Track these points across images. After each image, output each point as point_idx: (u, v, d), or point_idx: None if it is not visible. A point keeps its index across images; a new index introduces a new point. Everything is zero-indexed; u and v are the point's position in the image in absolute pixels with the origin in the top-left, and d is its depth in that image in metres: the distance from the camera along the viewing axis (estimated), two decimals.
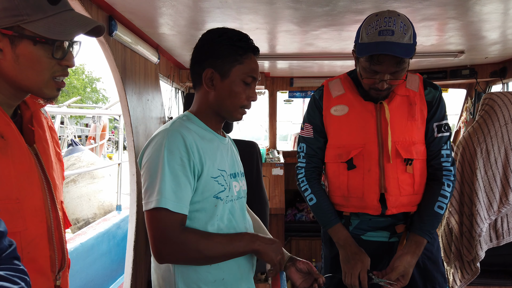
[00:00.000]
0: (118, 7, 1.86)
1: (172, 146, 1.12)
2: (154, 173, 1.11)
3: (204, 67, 1.22)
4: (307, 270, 1.35)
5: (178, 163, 1.12)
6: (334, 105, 1.60)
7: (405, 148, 1.51)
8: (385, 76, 1.42)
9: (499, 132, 2.05)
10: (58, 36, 0.90)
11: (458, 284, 2.20)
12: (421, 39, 2.47)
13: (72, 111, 9.68)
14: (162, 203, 1.08)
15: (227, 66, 1.20)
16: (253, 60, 1.24)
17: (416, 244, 1.49)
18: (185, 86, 3.58)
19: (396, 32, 1.36)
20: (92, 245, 3.27)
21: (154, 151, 1.14)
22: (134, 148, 2.16)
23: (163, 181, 1.09)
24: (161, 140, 1.14)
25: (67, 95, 22.15)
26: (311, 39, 2.49)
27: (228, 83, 1.21)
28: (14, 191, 0.88)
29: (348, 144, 1.56)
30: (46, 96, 0.97)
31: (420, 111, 1.55)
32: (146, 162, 1.15)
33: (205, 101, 1.26)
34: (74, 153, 5.76)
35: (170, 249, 1.09)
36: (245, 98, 1.23)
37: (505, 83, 3.28)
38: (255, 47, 1.25)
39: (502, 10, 1.88)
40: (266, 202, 2.51)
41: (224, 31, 1.23)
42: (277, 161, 3.88)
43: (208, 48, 1.22)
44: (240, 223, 1.27)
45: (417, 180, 1.54)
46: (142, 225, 2.21)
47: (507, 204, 2.02)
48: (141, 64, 2.36)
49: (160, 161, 1.11)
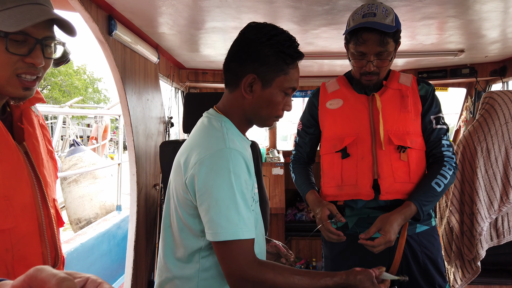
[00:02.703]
0: (117, 7, 1.86)
1: (237, 169, 1.06)
2: (223, 200, 1.04)
3: (246, 71, 1.13)
4: (276, 251, 1.41)
5: (244, 186, 1.08)
6: (329, 99, 1.71)
7: (398, 137, 1.56)
8: (371, 57, 1.52)
9: (499, 131, 2.04)
10: (5, 28, 0.84)
11: (459, 283, 2.20)
12: (421, 38, 2.46)
13: (74, 111, 9.71)
14: (235, 234, 1.04)
15: (271, 75, 1.13)
16: (297, 70, 1.18)
17: (403, 206, 1.49)
18: (185, 86, 3.58)
19: (378, 14, 1.50)
20: (92, 245, 3.27)
21: (218, 175, 1.05)
22: (134, 148, 2.16)
23: (235, 209, 1.04)
24: (222, 162, 1.05)
25: (68, 96, 22.18)
26: (311, 38, 2.48)
27: (268, 93, 1.14)
28: (1, 189, 0.87)
29: (342, 134, 1.63)
30: (10, 95, 0.92)
31: (413, 104, 1.61)
32: (209, 187, 1.05)
33: (239, 106, 1.18)
34: (76, 153, 5.78)
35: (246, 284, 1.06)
36: (281, 108, 1.19)
37: (505, 82, 3.27)
38: (302, 54, 1.17)
39: (502, 8, 1.88)
40: (267, 201, 2.50)
41: (274, 33, 1.13)
42: (277, 161, 3.88)
43: (254, 50, 1.12)
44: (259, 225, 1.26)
45: (413, 168, 1.57)
46: (142, 225, 2.21)
47: (508, 203, 2.01)
48: (140, 63, 2.36)
49: (228, 187, 1.04)
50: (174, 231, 1.19)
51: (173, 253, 1.19)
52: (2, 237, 0.87)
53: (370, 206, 1.60)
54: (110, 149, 14.97)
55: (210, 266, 1.16)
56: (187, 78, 3.50)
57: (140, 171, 2.23)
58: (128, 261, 2.13)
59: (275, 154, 4.07)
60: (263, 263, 1.10)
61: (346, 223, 1.65)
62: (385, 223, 1.43)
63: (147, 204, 2.35)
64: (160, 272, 1.23)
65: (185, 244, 1.16)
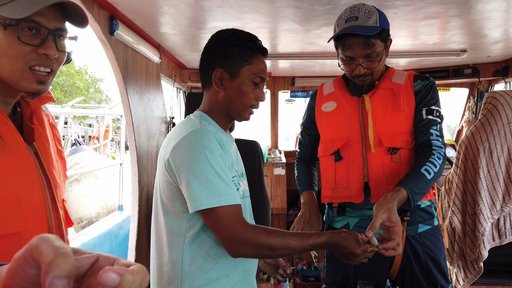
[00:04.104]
0: (119, 7, 1.86)
1: (210, 144, 1.14)
2: (201, 172, 1.10)
3: (214, 67, 1.24)
4: (275, 263, 1.48)
5: (220, 160, 1.14)
6: (325, 102, 1.72)
7: (390, 138, 1.54)
8: (359, 60, 1.52)
9: (502, 131, 2.03)
10: (16, 15, 0.83)
11: (461, 283, 2.19)
12: (423, 38, 2.46)
13: (75, 111, 9.71)
14: (219, 201, 1.10)
15: (237, 66, 1.22)
16: (261, 61, 1.26)
17: (394, 191, 1.38)
18: (187, 86, 3.58)
19: (360, 17, 1.49)
20: (94, 245, 3.27)
21: (193, 151, 1.12)
22: (136, 147, 2.16)
23: (214, 178, 1.11)
24: (195, 140, 1.14)
25: (70, 96, 22.22)
26: (313, 38, 2.48)
27: (237, 83, 1.23)
28: (13, 192, 0.87)
29: (335, 137, 1.64)
30: (25, 89, 0.91)
31: (406, 102, 1.58)
32: (186, 163, 1.12)
33: (215, 101, 1.27)
34: (78, 153, 5.79)
35: (243, 246, 1.12)
36: (254, 98, 1.26)
37: (507, 82, 3.26)
38: (264, 48, 1.27)
39: (505, 8, 1.87)
40: (268, 201, 2.51)
41: (233, 32, 1.25)
42: (279, 161, 3.87)
43: (217, 48, 1.25)
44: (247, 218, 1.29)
45: (408, 169, 1.53)
46: (144, 224, 2.21)
47: (510, 203, 2.01)
48: (142, 63, 2.36)
49: (204, 160, 1.11)
50: (160, 218, 1.23)
51: (160, 240, 1.23)
52: (13, 240, 0.87)
53: (370, 207, 1.60)
54: (112, 149, 14.99)
55: (193, 251, 1.18)
56: (189, 78, 3.50)
57: (142, 171, 2.23)
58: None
59: (276, 154, 4.06)
60: (255, 226, 1.17)
61: (347, 222, 1.65)
62: (390, 214, 1.30)
63: (148, 204, 2.35)
64: (152, 260, 1.27)
65: (169, 228, 1.20)
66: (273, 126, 4.21)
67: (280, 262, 1.50)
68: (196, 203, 1.10)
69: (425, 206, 1.64)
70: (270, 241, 1.13)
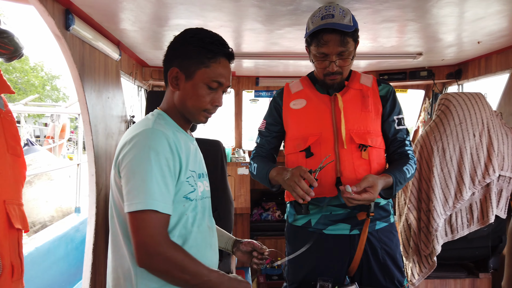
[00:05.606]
0: (75, 1, 1.78)
1: (157, 146, 1.10)
2: (140, 173, 1.07)
3: (171, 66, 1.22)
4: (251, 248, 1.45)
5: (164, 163, 1.10)
6: (293, 99, 1.73)
7: (360, 136, 1.61)
8: (333, 57, 1.56)
9: (454, 131, 2.13)
10: None
11: (416, 278, 2.28)
12: (382, 41, 2.53)
13: (28, 110, 9.24)
14: (151, 204, 1.05)
15: (193, 67, 1.19)
16: (222, 65, 1.21)
17: (384, 175, 1.56)
18: (148, 84, 3.50)
19: (336, 15, 1.54)
20: (48, 249, 3.12)
21: (138, 151, 1.09)
22: (93, 147, 2.08)
23: (151, 181, 1.06)
24: (144, 140, 1.11)
25: (24, 94, 21.09)
26: (276, 38, 2.49)
27: (191, 85, 1.20)
28: None
29: (306, 134, 1.65)
30: None
31: (373, 104, 1.66)
32: (129, 162, 1.10)
33: (171, 100, 1.26)
34: (30, 154, 5.47)
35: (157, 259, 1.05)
36: (209, 102, 1.23)
37: (460, 84, 3.44)
38: (229, 53, 1.23)
39: (458, 13, 1.96)
40: (231, 201, 2.49)
41: (198, 31, 1.22)
42: (243, 161, 3.87)
43: (178, 47, 1.22)
44: (203, 222, 1.27)
45: (374, 166, 1.62)
46: (102, 227, 2.13)
47: (461, 199, 2.11)
48: (101, 60, 2.27)
49: (146, 161, 1.08)
50: (114, 219, 1.19)
51: (116, 241, 1.19)
52: None
53: (333, 204, 1.63)
54: (69, 150, 14.38)
55: None
56: (150, 76, 3.42)
57: (100, 172, 2.15)
58: (86, 265, 2.05)
59: (240, 154, 4.06)
60: (176, 243, 1.11)
61: (309, 220, 1.67)
62: (375, 183, 1.48)
63: (106, 206, 2.27)
64: (108, 262, 1.23)
65: (122, 229, 1.16)
66: (237, 126, 4.21)
67: (256, 246, 1.45)
68: (128, 204, 1.07)
69: (383, 204, 1.69)
70: (184, 262, 1.08)
